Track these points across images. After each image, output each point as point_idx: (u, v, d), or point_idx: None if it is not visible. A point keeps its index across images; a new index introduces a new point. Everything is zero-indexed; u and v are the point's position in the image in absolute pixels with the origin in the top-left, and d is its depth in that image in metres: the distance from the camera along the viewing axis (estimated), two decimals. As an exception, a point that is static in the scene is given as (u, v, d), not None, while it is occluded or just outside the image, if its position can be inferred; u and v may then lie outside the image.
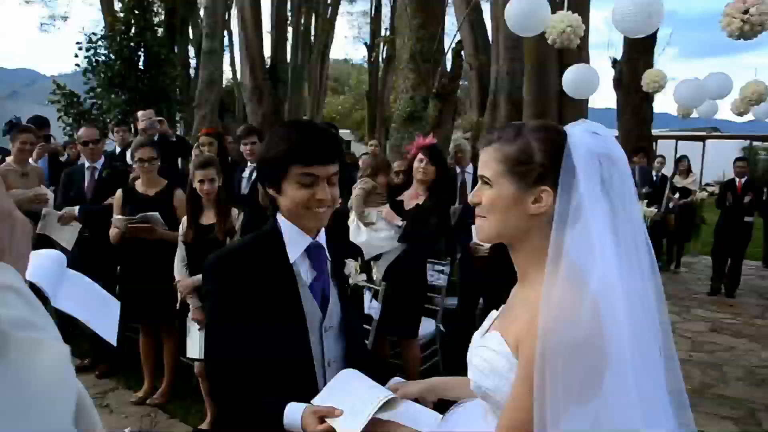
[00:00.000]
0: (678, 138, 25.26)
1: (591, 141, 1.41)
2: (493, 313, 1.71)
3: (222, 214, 4.24)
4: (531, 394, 1.34)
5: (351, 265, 2.05)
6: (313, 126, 1.90)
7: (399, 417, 1.74)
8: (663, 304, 1.46)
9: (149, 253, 4.59)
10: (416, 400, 1.87)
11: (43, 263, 1.54)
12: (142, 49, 13.35)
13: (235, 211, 4.30)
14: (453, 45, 7.60)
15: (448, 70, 7.40)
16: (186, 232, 4.30)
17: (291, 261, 1.90)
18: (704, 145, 25.36)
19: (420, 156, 4.77)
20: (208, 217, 4.29)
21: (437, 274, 5.86)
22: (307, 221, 1.89)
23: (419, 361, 4.99)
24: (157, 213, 4.58)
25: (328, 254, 2.00)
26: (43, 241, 4.88)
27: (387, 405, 1.72)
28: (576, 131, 1.44)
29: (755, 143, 29.85)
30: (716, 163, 26.55)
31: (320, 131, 1.86)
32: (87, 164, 5.39)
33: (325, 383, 1.89)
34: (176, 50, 19.10)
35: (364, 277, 2.09)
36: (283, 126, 1.94)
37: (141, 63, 13.37)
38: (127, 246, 4.66)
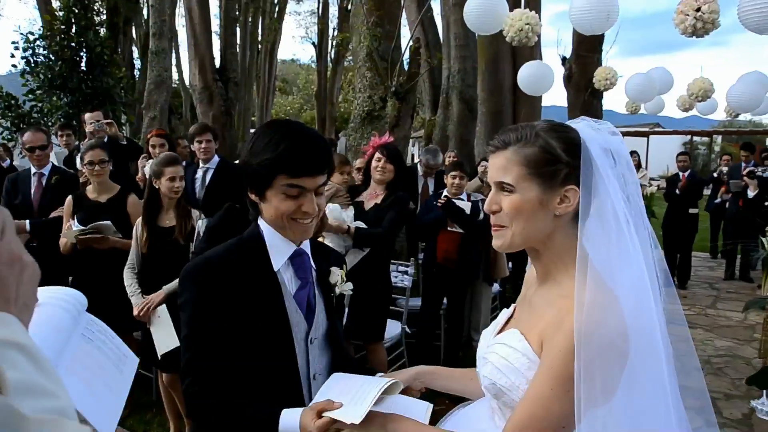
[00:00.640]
0: (624, 134, 25.84)
1: (598, 136, 1.39)
2: (505, 312, 1.68)
3: (183, 215, 4.05)
4: (552, 392, 1.32)
5: (337, 273, 1.94)
6: (303, 132, 1.73)
7: (389, 409, 1.66)
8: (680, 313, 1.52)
9: (103, 261, 4.36)
10: (403, 391, 1.81)
11: (43, 320, 1.22)
12: (84, 50, 12.86)
13: (195, 213, 4.12)
14: (410, 43, 7.53)
15: (406, 68, 7.34)
16: (142, 237, 4.09)
17: (275, 269, 1.79)
18: (648, 141, 26.11)
19: (377, 155, 4.71)
20: (168, 220, 4.09)
21: (401, 275, 5.81)
22: (291, 233, 1.79)
23: (386, 364, 4.91)
24: (108, 222, 4.33)
25: (312, 262, 1.90)
26: None
27: (382, 395, 1.64)
28: (583, 127, 1.41)
29: (695, 138, 30.96)
30: (660, 157, 27.46)
31: (311, 139, 1.72)
32: (33, 170, 5.11)
33: (310, 397, 1.80)
34: (120, 51, 18.56)
35: (350, 285, 1.98)
36: (269, 128, 1.76)
37: (83, 64, 12.88)
38: (79, 255, 4.41)
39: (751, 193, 9.04)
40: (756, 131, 30.83)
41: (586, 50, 12.90)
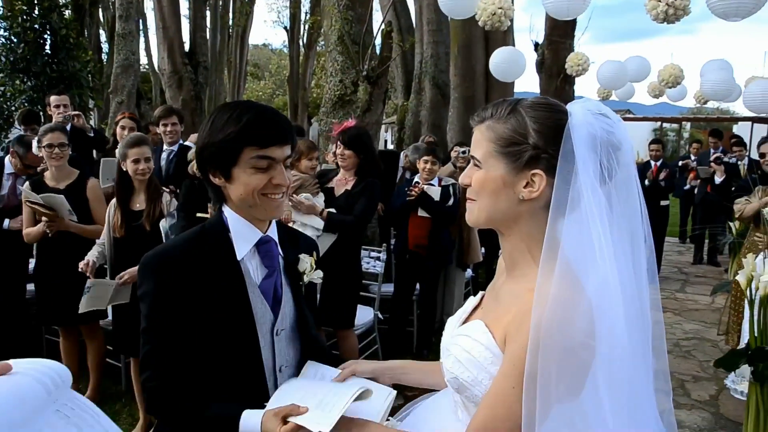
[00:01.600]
0: (595, 120, 26.12)
1: (594, 122, 1.29)
2: (471, 300, 1.61)
3: (152, 199, 3.95)
4: (514, 390, 1.25)
5: (306, 261, 1.86)
6: (263, 105, 1.69)
7: (352, 410, 1.58)
8: (657, 301, 1.40)
9: (66, 247, 4.22)
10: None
11: (7, 389, 1.09)
12: (48, 32, 12.47)
13: (167, 197, 4.01)
14: (382, 26, 7.44)
15: (378, 52, 7.25)
16: (116, 220, 3.97)
17: (239, 258, 1.71)
18: (619, 127, 26.31)
19: (338, 143, 4.69)
20: (139, 203, 4.00)
21: (373, 261, 5.78)
22: (264, 210, 1.70)
23: (357, 351, 4.88)
24: (62, 197, 4.14)
25: (280, 249, 1.82)
26: None
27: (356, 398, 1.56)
28: (578, 110, 1.32)
29: (665, 125, 31.37)
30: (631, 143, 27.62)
31: (272, 110, 1.68)
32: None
33: (276, 390, 1.72)
34: (86, 34, 18.09)
35: (320, 274, 1.90)
36: (226, 107, 1.68)
37: (47, 47, 12.50)
38: (42, 240, 4.27)
39: (718, 179, 9.18)
40: (723, 118, 31.33)
41: (559, 36, 12.92)
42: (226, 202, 1.74)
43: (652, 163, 9.24)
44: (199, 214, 3.63)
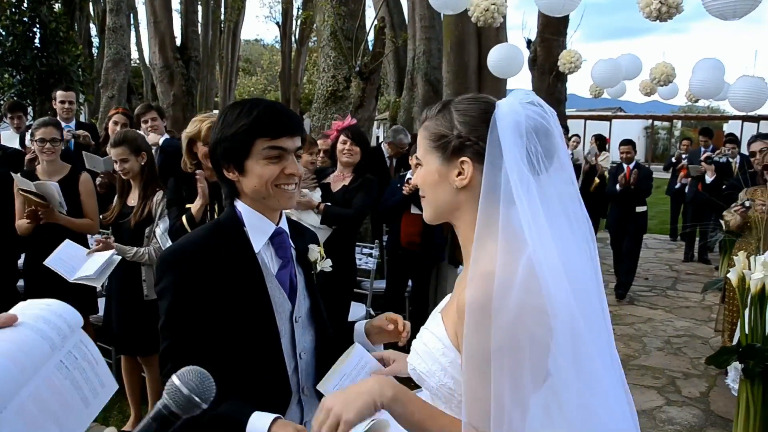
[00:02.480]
0: (587, 118, 26.24)
1: (521, 111, 1.34)
2: (448, 296, 1.64)
3: (145, 196, 3.92)
4: (477, 383, 1.27)
5: (315, 251, 1.93)
6: (272, 101, 1.79)
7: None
8: (600, 282, 1.42)
9: (56, 242, 4.15)
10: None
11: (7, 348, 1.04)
12: (38, 26, 12.36)
13: (159, 194, 3.98)
14: (375, 22, 7.42)
15: (371, 48, 7.23)
16: (112, 210, 4.02)
17: (256, 250, 1.76)
18: (610, 125, 26.46)
19: (342, 138, 4.67)
20: (134, 199, 4.00)
21: (365, 258, 5.77)
22: (277, 201, 1.75)
23: (350, 347, 4.87)
24: (56, 185, 4.08)
25: (291, 241, 1.88)
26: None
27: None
28: (507, 102, 1.38)
29: (656, 123, 31.53)
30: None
31: (281, 105, 1.77)
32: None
33: (297, 377, 1.80)
34: (76, 27, 17.96)
35: (329, 262, 1.98)
36: (236, 105, 1.75)
37: (37, 40, 12.39)
38: (32, 235, 4.21)
39: (708, 178, 9.20)
40: (714, 117, 31.56)
41: (551, 33, 12.94)
42: (239, 197, 1.79)
43: (625, 166, 8.17)
44: (188, 206, 3.61)
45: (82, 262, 3.81)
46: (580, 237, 1.38)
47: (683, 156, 11.22)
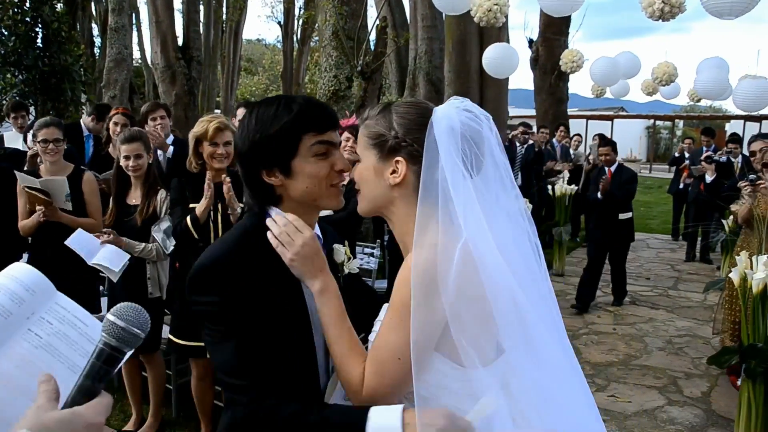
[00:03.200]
0: (589, 117, 26.22)
1: (456, 118, 1.45)
2: None
3: (148, 195, 3.95)
4: (390, 325, 1.40)
5: (341, 251, 1.80)
6: (303, 95, 1.68)
7: None
8: (543, 270, 1.52)
9: (59, 242, 4.15)
10: None
11: None
12: (40, 25, 12.37)
13: (162, 193, 4.00)
14: (377, 22, 7.42)
15: (372, 48, 7.24)
16: (108, 212, 4.02)
17: None
18: (612, 124, 26.44)
19: (346, 135, 4.67)
20: (135, 198, 4.01)
21: (367, 257, 5.78)
22: (329, 200, 1.60)
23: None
24: (63, 178, 4.10)
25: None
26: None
27: None
28: (443, 109, 1.49)
29: (658, 122, 31.49)
30: (623, 141, 27.79)
31: (314, 98, 1.69)
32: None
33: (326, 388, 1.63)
34: (78, 27, 17.97)
35: (357, 263, 1.87)
36: (264, 103, 1.59)
37: (39, 40, 12.40)
38: (36, 235, 4.22)
39: (709, 178, 9.19)
40: (716, 116, 31.48)
41: (553, 33, 12.96)
42: (278, 203, 1.60)
43: (606, 169, 7.28)
44: (192, 205, 3.63)
45: (97, 249, 3.83)
46: (519, 229, 1.50)
47: (686, 157, 11.19)
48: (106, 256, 3.80)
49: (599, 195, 7.09)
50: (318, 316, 1.56)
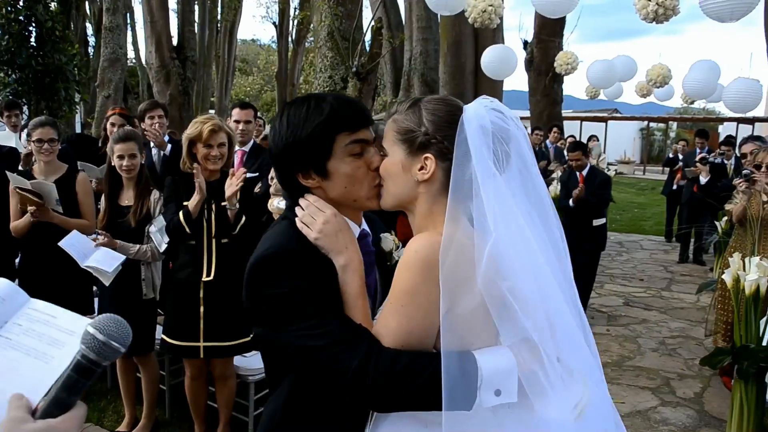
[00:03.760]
0: (583, 119, 26.32)
1: (486, 117, 1.46)
2: None
3: (141, 195, 3.92)
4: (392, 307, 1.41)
5: (389, 239, 1.77)
6: (332, 93, 1.65)
7: None
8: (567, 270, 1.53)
9: (52, 243, 4.13)
10: None
11: None
12: (34, 24, 12.32)
13: (156, 193, 3.98)
14: (372, 23, 7.43)
15: (367, 49, 7.25)
16: (101, 214, 3.98)
17: None
18: (606, 126, 26.54)
19: None
20: (127, 198, 3.97)
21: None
22: (372, 201, 1.56)
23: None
24: (53, 185, 4.05)
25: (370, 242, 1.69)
26: None
27: None
28: (473, 107, 1.49)
29: (651, 124, 31.64)
30: (617, 142, 28.00)
31: (344, 95, 1.65)
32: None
33: None
34: (72, 26, 17.93)
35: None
36: (293, 104, 1.56)
37: (33, 39, 12.36)
38: (28, 236, 4.20)
39: (703, 180, 9.23)
40: (709, 118, 31.65)
41: (548, 35, 12.99)
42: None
43: (577, 173, 6.79)
44: (185, 203, 3.62)
45: (91, 251, 3.81)
46: (547, 228, 1.50)
47: (680, 159, 11.24)
48: (99, 260, 3.78)
49: (571, 203, 6.69)
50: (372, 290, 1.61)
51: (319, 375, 1.42)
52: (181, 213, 3.54)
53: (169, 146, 5.32)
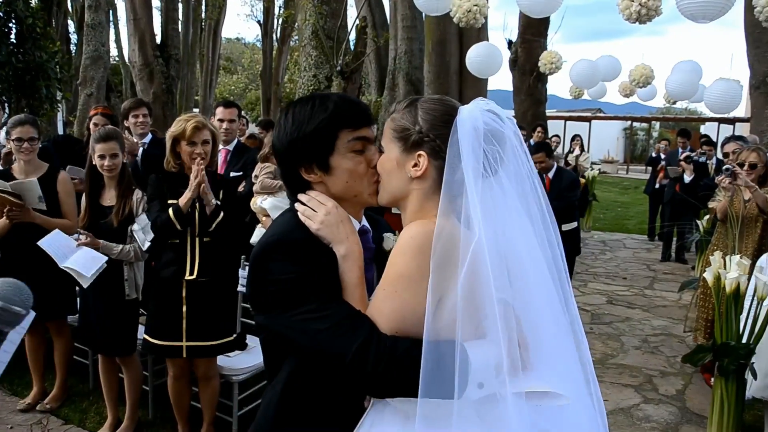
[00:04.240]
0: (567, 119, 26.46)
1: (480, 118, 1.48)
2: None
3: (123, 195, 3.87)
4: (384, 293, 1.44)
5: (391, 239, 1.79)
6: (336, 92, 1.69)
7: None
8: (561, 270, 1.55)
9: (33, 242, 4.09)
10: None
11: None
12: (13, 21, 12.15)
13: (138, 193, 3.94)
14: (356, 22, 7.42)
15: (352, 48, 7.23)
16: (82, 213, 3.93)
17: None
18: (590, 126, 26.70)
19: None
20: (109, 198, 3.92)
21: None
22: (373, 197, 1.63)
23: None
24: (35, 181, 4.02)
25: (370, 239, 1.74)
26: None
27: None
28: (468, 109, 1.52)
29: (635, 124, 31.90)
30: (601, 142, 28.20)
31: (348, 95, 1.69)
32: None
33: None
34: (54, 23, 17.71)
35: None
36: (298, 102, 1.64)
37: (13, 36, 12.19)
38: (8, 235, 4.13)
39: (687, 178, 9.31)
40: (691, 118, 31.98)
41: (532, 34, 13.04)
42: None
43: (544, 176, 6.36)
44: (171, 201, 3.59)
45: (72, 252, 3.76)
46: (540, 229, 1.51)
47: (662, 158, 11.33)
48: (79, 261, 3.72)
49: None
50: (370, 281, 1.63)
51: (319, 358, 1.45)
52: (171, 210, 3.52)
53: (140, 149, 5.25)
